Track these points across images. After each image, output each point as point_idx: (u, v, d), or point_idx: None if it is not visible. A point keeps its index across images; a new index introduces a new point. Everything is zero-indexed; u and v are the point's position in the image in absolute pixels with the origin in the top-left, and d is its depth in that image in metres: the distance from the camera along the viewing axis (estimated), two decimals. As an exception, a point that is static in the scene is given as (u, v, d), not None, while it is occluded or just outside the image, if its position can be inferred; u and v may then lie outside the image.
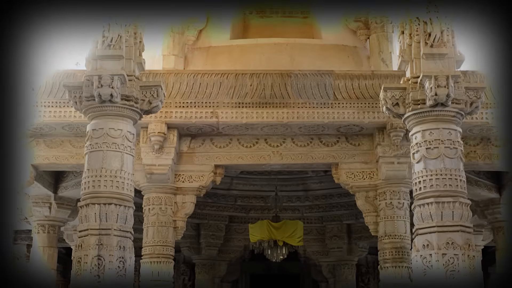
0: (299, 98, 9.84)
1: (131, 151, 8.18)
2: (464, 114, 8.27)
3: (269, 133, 10.17)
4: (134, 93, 8.11)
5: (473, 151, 10.28)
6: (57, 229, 12.32)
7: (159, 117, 9.63)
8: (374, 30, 11.97)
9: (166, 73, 10.07)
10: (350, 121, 9.82)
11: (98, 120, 8.09)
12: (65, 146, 10.29)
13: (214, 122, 9.83)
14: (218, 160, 10.31)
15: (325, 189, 14.67)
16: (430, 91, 8.03)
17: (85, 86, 8.07)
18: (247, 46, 12.02)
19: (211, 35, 12.24)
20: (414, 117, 8.23)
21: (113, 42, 8.21)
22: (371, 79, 9.93)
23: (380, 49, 11.86)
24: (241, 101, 9.84)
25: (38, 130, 10.01)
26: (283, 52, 11.84)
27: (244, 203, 15.11)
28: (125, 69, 8.15)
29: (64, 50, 12.46)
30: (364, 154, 10.28)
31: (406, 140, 9.42)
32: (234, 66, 11.04)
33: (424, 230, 7.89)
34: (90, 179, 7.92)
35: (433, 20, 8.34)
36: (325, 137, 10.31)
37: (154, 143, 9.80)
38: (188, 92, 9.86)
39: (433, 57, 8.28)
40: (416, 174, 8.13)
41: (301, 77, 9.90)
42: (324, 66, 10.67)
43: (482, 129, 9.92)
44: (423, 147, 8.08)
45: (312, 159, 10.31)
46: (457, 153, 8.08)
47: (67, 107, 9.43)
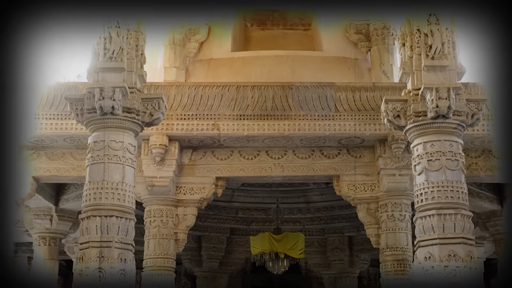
0: (300, 110, 9.84)
1: (133, 163, 8.18)
2: (465, 126, 8.27)
3: (271, 145, 10.17)
4: (135, 105, 8.12)
5: (475, 163, 10.27)
6: (58, 242, 12.30)
7: (160, 129, 9.63)
8: (375, 42, 12.00)
9: (167, 85, 10.08)
10: (351, 133, 9.82)
11: (99, 132, 8.09)
12: (66, 158, 10.28)
13: (215, 134, 9.83)
14: (219, 172, 10.30)
15: (326, 201, 14.65)
16: (431, 103, 8.04)
17: (87, 98, 8.08)
18: (248, 58, 12.05)
19: (212, 47, 12.26)
20: (415, 129, 8.23)
21: (114, 54, 8.23)
22: (372, 91, 9.94)
23: (381, 61, 11.88)
24: (242, 113, 9.84)
25: (40, 143, 10.01)
26: (284, 64, 11.86)
27: (245, 215, 15.09)
28: (126, 81, 8.17)
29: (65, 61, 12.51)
30: (366, 166, 10.27)
31: (407, 152, 9.42)
32: (235, 78, 11.06)
33: (426, 242, 7.87)
34: (91, 191, 7.91)
35: (434, 32, 8.36)
36: (327, 149, 10.31)
37: (155, 155, 9.80)
38: (189, 104, 9.87)
39: (434, 69, 8.29)
40: (418, 186, 8.12)
41: (302, 89, 9.91)
42: (325, 78, 10.69)
43: (483, 141, 9.92)
44: (424, 159, 8.08)
45: (314, 171, 10.30)
46: (459, 165, 8.07)
47: (69, 119, 9.44)
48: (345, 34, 12.34)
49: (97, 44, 8.34)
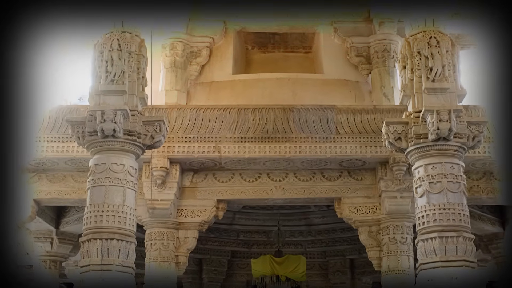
0: (301, 133, 9.85)
1: (134, 186, 8.17)
2: (466, 148, 8.27)
3: (272, 167, 10.17)
4: (136, 128, 8.13)
5: (476, 185, 10.25)
6: (59, 265, 12.25)
7: (161, 151, 9.63)
8: (376, 64, 12.04)
9: (168, 108, 10.11)
10: (352, 156, 9.82)
11: (100, 155, 8.10)
12: (67, 181, 10.27)
13: (216, 156, 9.84)
14: (220, 195, 10.29)
15: (327, 224, 14.61)
16: (432, 125, 8.04)
17: (88, 121, 8.09)
18: (250, 81, 12.09)
19: (213, 70, 12.31)
20: (416, 151, 8.23)
21: (116, 77, 8.26)
22: (373, 114, 9.96)
23: (382, 84, 11.91)
24: (243, 135, 9.85)
25: (41, 165, 10.01)
26: (285, 87, 11.89)
27: (246, 238, 15.04)
28: (128, 104, 8.18)
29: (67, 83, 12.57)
30: (367, 189, 10.26)
31: (408, 175, 9.40)
32: (237, 101, 11.08)
33: (428, 265, 7.83)
34: (92, 214, 7.89)
35: (434, 55, 8.39)
36: (328, 172, 10.30)
37: (156, 178, 9.79)
38: (190, 127, 9.88)
39: (435, 91, 8.31)
40: (419, 209, 8.11)
41: (303, 112, 9.93)
42: (326, 101, 10.71)
43: (484, 163, 9.91)
44: (426, 181, 8.07)
45: (315, 194, 10.29)
46: (460, 187, 8.06)
47: (70, 142, 9.45)
48: (346, 56, 12.38)
49: (99, 67, 8.37)
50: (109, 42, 8.38)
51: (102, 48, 8.40)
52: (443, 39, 8.46)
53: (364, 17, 12.32)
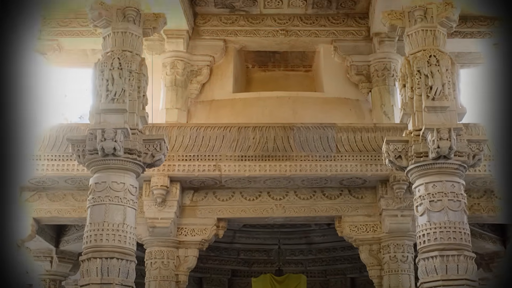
0: (301, 151, 9.86)
1: (134, 204, 8.17)
2: (467, 167, 8.27)
3: (272, 186, 10.17)
4: (137, 147, 8.14)
5: (477, 204, 10.24)
6: (58, 284, 12.20)
7: (162, 170, 9.63)
8: (376, 83, 12.05)
9: (169, 127, 10.12)
10: (353, 174, 9.83)
11: (101, 174, 8.10)
12: (67, 199, 10.27)
13: (216, 175, 9.84)
14: (220, 213, 10.28)
15: (328, 242, 14.56)
16: (433, 143, 8.05)
17: (89, 139, 8.11)
18: (250, 99, 12.10)
19: (214, 88, 12.33)
20: (417, 169, 8.23)
21: (116, 96, 8.28)
22: (373, 132, 9.97)
23: (382, 102, 11.91)
24: (243, 154, 9.86)
25: (41, 184, 10.01)
26: (285, 105, 11.90)
27: (247, 257, 14.99)
28: (128, 122, 8.20)
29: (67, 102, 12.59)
30: (367, 207, 10.25)
31: (409, 193, 9.40)
32: (237, 119, 11.09)
33: (429, 284, 7.81)
34: (92, 233, 7.89)
35: (434, 74, 8.41)
36: (328, 190, 10.29)
37: (156, 197, 9.78)
38: (191, 145, 9.89)
39: (435, 110, 8.33)
40: (420, 227, 8.09)
41: (303, 130, 9.94)
42: (327, 119, 10.72)
43: (485, 182, 9.90)
44: (426, 199, 8.06)
45: (315, 212, 10.28)
46: (461, 205, 8.05)
47: (70, 160, 9.46)
48: (346, 75, 12.40)
49: (99, 85, 8.40)
50: (110, 60, 8.41)
51: (103, 67, 8.43)
52: (442, 58, 8.49)
53: (364, 36, 12.37)
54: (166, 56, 11.99)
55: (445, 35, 8.84)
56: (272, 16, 12.48)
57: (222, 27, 12.45)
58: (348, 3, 12.21)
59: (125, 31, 8.61)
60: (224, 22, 12.46)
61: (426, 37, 8.66)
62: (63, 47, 12.27)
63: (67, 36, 12.08)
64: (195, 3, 12.16)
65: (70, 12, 11.99)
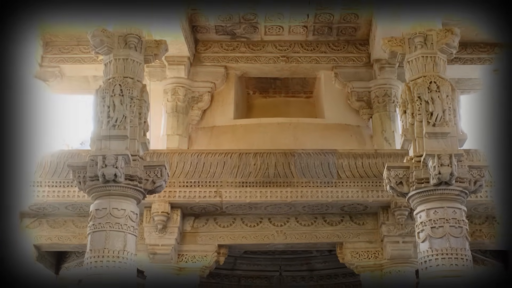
0: (302, 177, 9.86)
1: (134, 231, 8.15)
2: (468, 193, 8.25)
3: (273, 212, 10.15)
4: (138, 173, 8.14)
5: (479, 230, 10.20)
6: (58, 311, 12.12)
7: (162, 196, 9.62)
8: (377, 109, 12.08)
9: (170, 153, 10.12)
10: (354, 200, 9.81)
11: (101, 200, 8.09)
12: (68, 226, 10.24)
13: (217, 201, 9.83)
14: (221, 240, 10.24)
15: (330, 269, 14.46)
16: (434, 170, 8.05)
17: (89, 166, 8.11)
18: (251, 125, 12.12)
19: (215, 115, 12.36)
20: (418, 196, 8.22)
21: (118, 122, 8.29)
22: (374, 158, 9.97)
23: (383, 128, 11.93)
24: (244, 180, 9.86)
25: (41, 210, 9.99)
26: (286, 131, 11.92)
27: (248, 283, 14.88)
28: (129, 149, 8.21)
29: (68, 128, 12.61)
30: (369, 233, 10.21)
31: (410, 219, 9.37)
32: (238, 146, 11.10)
33: (431, 310, 7.76)
34: (93, 260, 7.85)
35: (434, 100, 8.42)
36: (329, 216, 10.27)
37: (157, 223, 9.76)
38: (192, 172, 9.89)
39: (436, 136, 8.33)
40: (422, 254, 8.06)
41: (304, 156, 9.95)
42: (327, 145, 10.73)
43: (487, 208, 9.88)
44: (428, 226, 8.04)
45: (316, 239, 10.24)
46: (463, 232, 8.02)
47: (71, 186, 9.46)
48: (347, 101, 12.44)
49: (101, 112, 8.42)
50: (111, 87, 8.44)
51: (104, 93, 8.46)
52: (443, 84, 8.52)
53: (365, 62, 12.43)
54: (167, 82, 12.04)
55: (445, 61, 8.87)
56: (273, 42, 12.55)
57: (223, 54, 12.52)
58: (349, 30, 12.28)
59: (126, 57, 8.65)
60: (225, 49, 12.53)
61: (426, 64, 8.69)
62: (65, 74, 12.33)
63: (68, 62, 12.15)
64: (196, 30, 12.24)
65: (71, 38, 12.09)
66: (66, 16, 11.14)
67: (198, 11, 11.71)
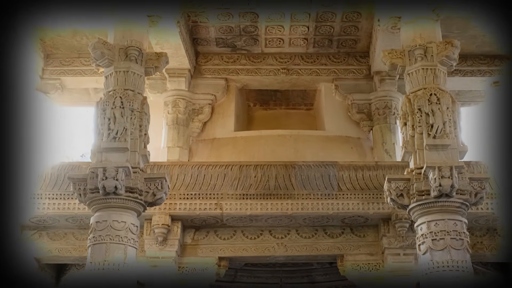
0: (303, 190, 9.85)
1: (135, 243, 8.13)
2: (469, 205, 8.24)
3: (274, 224, 10.13)
4: (138, 185, 8.14)
5: (480, 242, 10.18)
6: (58, 324, 12.08)
7: (163, 209, 9.61)
8: (377, 121, 12.08)
9: (170, 165, 10.12)
10: (354, 212, 9.80)
11: (102, 212, 8.08)
12: (68, 238, 10.22)
13: (218, 213, 9.82)
14: (222, 252, 10.21)
15: (331, 281, 14.40)
16: (434, 182, 8.04)
17: (90, 178, 8.11)
18: (251, 138, 12.12)
19: (215, 127, 12.36)
20: (419, 208, 8.21)
21: (118, 134, 8.30)
22: (375, 170, 9.97)
23: (383, 140, 11.93)
24: (245, 192, 9.85)
25: (42, 223, 9.98)
26: (287, 143, 11.92)
27: (248, 296, 14.85)
28: (130, 161, 8.21)
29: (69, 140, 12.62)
30: (370, 246, 10.19)
31: (411, 231, 9.35)
32: (238, 158, 11.11)
33: (432, 323, 7.73)
34: (93, 272, 7.82)
35: (435, 112, 8.43)
36: (330, 228, 10.25)
37: (157, 235, 9.74)
38: (192, 184, 9.89)
39: (436, 148, 8.33)
40: (423, 266, 8.03)
41: (305, 169, 9.94)
42: (328, 157, 10.74)
43: (488, 220, 9.86)
44: (429, 238, 8.03)
45: (317, 251, 10.22)
46: (464, 244, 8.01)
47: (71, 199, 9.45)
48: (347, 113, 12.44)
49: (101, 124, 8.43)
50: (112, 99, 8.45)
51: (105, 106, 8.47)
52: (443, 96, 8.53)
53: (365, 74, 12.45)
54: (168, 94, 12.05)
55: (445, 73, 8.89)
56: (273, 55, 12.57)
57: (223, 66, 12.54)
58: (349, 42, 12.31)
59: (127, 70, 8.68)
60: (225, 61, 12.56)
61: (426, 76, 8.71)
62: (66, 86, 12.36)
63: (69, 75, 12.18)
64: (197, 42, 12.26)
65: (72, 51, 12.12)
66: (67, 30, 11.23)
67: (199, 24, 11.74)
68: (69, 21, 11.01)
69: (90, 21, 10.65)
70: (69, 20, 10.95)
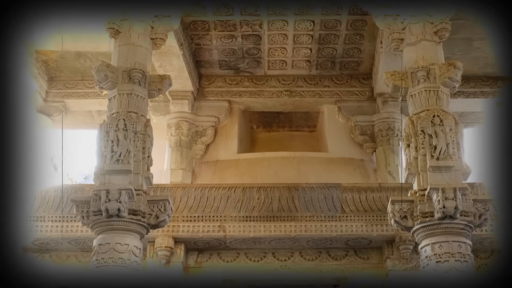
0: (306, 212, 9.82)
1: (138, 266, 8.09)
2: (473, 227, 8.20)
3: (277, 247, 10.09)
4: (141, 208, 8.12)
5: (484, 264, 10.11)
6: None
7: (166, 231, 9.59)
8: (380, 143, 12.09)
9: (174, 187, 10.12)
10: (358, 234, 9.76)
11: (104, 235, 8.05)
12: (71, 261, 10.18)
13: (221, 236, 9.78)
14: (225, 275, 10.16)
15: (334, 304, 14.36)
16: (438, 203, 8.01)
17: (93, 200, 8.09)
18: (255, 159, 12.13)
19: (218, 149, 12.37)
20: (422, 229, 8.17)
21: (121, 157, 8.29)
22: (378, 192, 9.95)
23: (387, 162, 11.93)
24: (248, 214, 9.83)
25: (44, 245, 9.95)
26: (290, 165, 11.92)
27: (252, 319, 14.75)
28: (133, 183, 8.19)
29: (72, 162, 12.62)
30: (374, 268, 10.14)
31: (415, 253, 9.30)
32: (242, 180, 11.10)
33: None
34: (96, 295, 7.80)
35: (438, 133, 8.42)
36: (334, 251, 10.20)
37: (161, 258, 9.71)
38: (195, 206, 9.87)
39: (440, 169, 8.30)
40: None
41: (308, 190, 9.93)
42: (331, 179, 10.72)
43: (492, 242, 9.81)
44: (433, 260, 7.97)
45: (321, 273, 10.17)
46: (468, 266, 7.95)
47: (74, 221, 9.42)
48: (350, 135, 12.46)
49: (104, 146, 8.42)
50: (115, 122, 8.45)
51: (108, 128, 8.47)
52: (446, 118, 8.52)
53: (368, 96, 12.47)
54: (171, 117, 12.08)
55: (448, 95, 8.89)
56: (276, 77, 12.62)
57: (226, 88, 12.58)
58: (352, 64, 12.35)
59: (130, 92, 8.68)
60: (228, 83, 12.60)
61: (429, 97, 8.71)
62: (69, 109, 12.40)
63: (73, 97, 12.24)
64: (200, 64, 12.31)
65: (76, 74, 12.17)
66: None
67: (202, 46, 11.79)
68: (72, 42, 11.07)
69: (92, 43, 10.70)
70: (72, 41, 11.01)
